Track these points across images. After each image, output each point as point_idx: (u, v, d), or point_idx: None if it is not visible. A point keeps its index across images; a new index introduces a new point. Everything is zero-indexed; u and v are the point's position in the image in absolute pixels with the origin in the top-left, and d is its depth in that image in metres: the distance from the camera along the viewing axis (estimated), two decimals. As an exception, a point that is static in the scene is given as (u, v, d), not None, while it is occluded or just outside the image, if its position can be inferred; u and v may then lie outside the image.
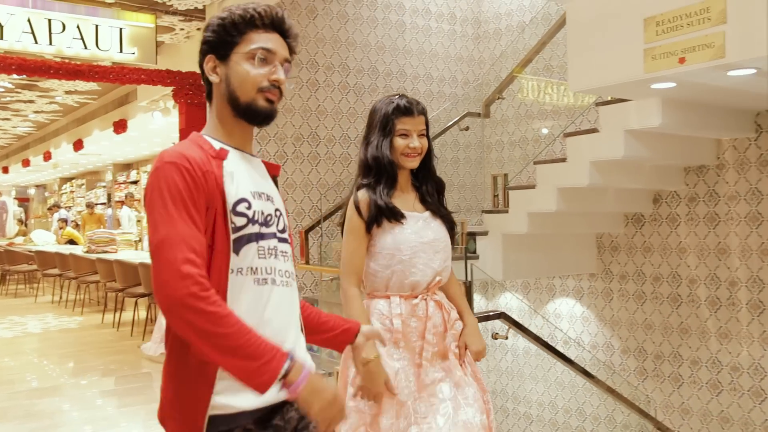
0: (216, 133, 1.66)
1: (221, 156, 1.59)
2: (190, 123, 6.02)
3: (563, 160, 4.56)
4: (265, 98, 1.61)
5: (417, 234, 2.46)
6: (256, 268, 1.56)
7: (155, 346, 6.64)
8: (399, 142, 2.45)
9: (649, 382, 5.40)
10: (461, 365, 2.52)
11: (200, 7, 5.87)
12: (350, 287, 2.47)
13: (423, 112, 2.49)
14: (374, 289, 2.52)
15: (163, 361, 1.58)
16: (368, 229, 2.46)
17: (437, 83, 6.61)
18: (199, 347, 1.41)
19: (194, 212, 1.49)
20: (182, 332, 1.42)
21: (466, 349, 2.56)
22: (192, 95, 5.96)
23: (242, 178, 1.60)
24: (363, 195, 2.46)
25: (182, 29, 6.52)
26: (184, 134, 6.04)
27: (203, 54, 1.66)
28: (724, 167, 4.87)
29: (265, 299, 1.57)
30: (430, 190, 2.57)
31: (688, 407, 5.15)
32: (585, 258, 5.69)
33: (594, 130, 4.36)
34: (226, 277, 1.52)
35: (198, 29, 6.47)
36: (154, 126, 9.82)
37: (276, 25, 1.66)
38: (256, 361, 1.40)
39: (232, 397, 1.50)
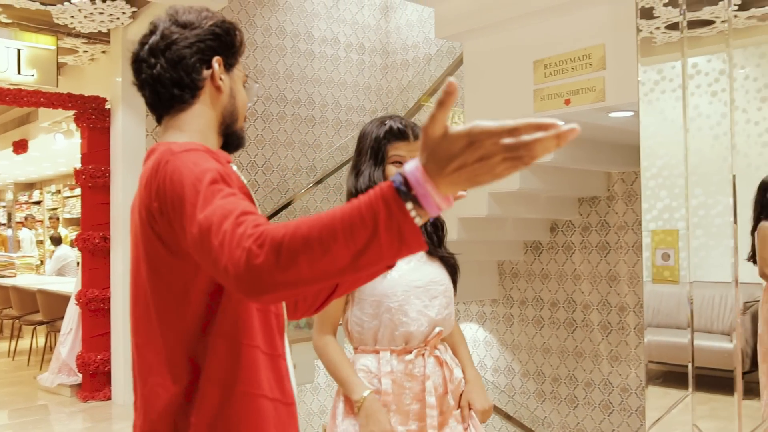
0: (201, 143, 1.39)
1: (228, 159, 1.38)
2: (93, 148, 5.88)
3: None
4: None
5: (408, 276, 2.09)
6: None
7: (52, 376, 6.39)
8: (392, 170, 2.08)
9: (547, 404, 5.61)
10: (465, 430, 2.16)
11: (104, 30, 5.77)
12: (321, 337, 2.14)
13: (420, 136, 2.16)
14: (361, 342, 2.14)
15: (60, 393, 1.44)
16: None
17: (345, 111, 6.71)
18: (319, 277, 0.99)
19: (235, 190, 1.17)
20: (293, 290, 1.02)
21: (470, 409, 2.19)
22: (95, 120, 5.82)
23: None
24: None
25: (86, 51, 6.38)
26: (86, 159, 5.90)
27: (209, 50, 1.42)
28: (614, 198, 5.15)
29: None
30: (428, 228, 2.19)
31: (582, 427, 5.37)
32: (487, 284, 5.88)
33: (492, 163, 4.54)
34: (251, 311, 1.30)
35: (103, 52, 6.35)
36: (57, 147, 9.51)
37: None
38: (365, 218, 0.96)
39: None
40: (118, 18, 5.49)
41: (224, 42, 1.45)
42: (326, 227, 0.97)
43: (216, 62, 1.43)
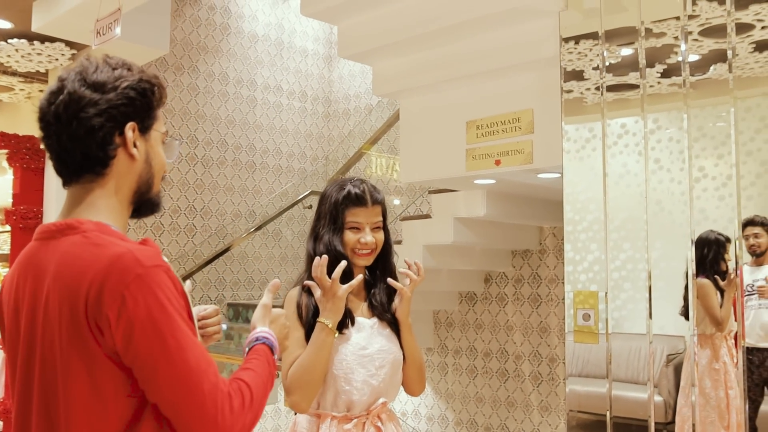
0: (118, 221, 1.34)
1: (159, 251, 1.33)
2: (25, 188, 5.77)
3: (399, 242, 4.79)
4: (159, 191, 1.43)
5: (358, 345, 2.08)
6: None
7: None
8: (349, 236, 2.08)
9: (480, 454, 5.65)
10: None
11: (42, 70, 5.72)
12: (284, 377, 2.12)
13: (379, 202, 2.13)
14: None
15: None
16: (309, 336, 2.06)
17: (286, 158, 6.76)
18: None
19: (188, 325, 1.26)
20: None
21: None
22: (29, 160, 5.73)
23: None
24: (306, 298, 2.09)
25: (22, 89, 6.30)
26: (18, 200, 5.78)
27: (122, 117, 1.31)
28: (546, 252, 5.30)
29: None
30: (381, 294, 2.17)
31: (514, 478, 5.42)
32: (422, 333, 5.93)
33: (427, 216, 4.64)
34: None
35: (40, 91, 6.27)
36: (-11, 183, 9.26)
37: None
38: (268, 371, 1.42)
39: None
40: (57, 59, 5.45)
41: (140, 105, 1.33)
42: (262, 383, 1.37)
43: (130, 129, 1.32)
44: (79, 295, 1.21)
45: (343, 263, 1.92)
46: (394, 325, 2.17)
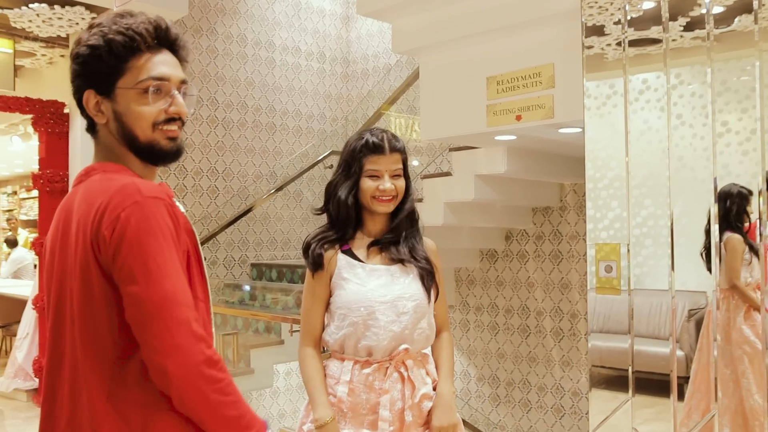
0: (135, 168, 1.44)
1: (169, 193, 1.39)
2: (51, 152, 5.86)
3: (420, 200, 4.82)
4: (165, 137, 1.41)
5: (376, 291, 2.09)
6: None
7: (8, 381, 6.31)
8: (368, 183, 2.11)
9: (502, 408, 5.74)
10: None
11: (63, 35, 5.74)
12: (302, 348, 2.18)
13: (398, 149, 2.14)
14: (333, 349, 2.17)
15: (16, 398, 1.48)
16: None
17: (306, 119, 6.78)
18: (202, 417, 1.28)
19: (181, 260, 1.33)
20: (190, 403, 1.27)
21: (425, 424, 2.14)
22: (53, 124, 5.80)
23: None
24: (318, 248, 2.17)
25: (44, 55, 6.33)
26: (44, 164, 5.87)
27: (78, 89, 1.40)
28: (566, 209, 5.31)
29: None
30: (395, 239, 2.17)
31: (535, 430, 5.51)
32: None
33: (448, 174, 4.66)
34: (211, 330, 1.42)
35: (62, 56, 6.31)
36: (14, 149, 9.37)
37: (163, 41, 1.43)
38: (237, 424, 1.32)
39: None
40: (77, 23, 5.47)
41: (91, 71, 1.38)
42: (241, 416, 1.31)
43: (85, 101, 1.41)
44: (89, 220, 1.31)
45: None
46: (423, 270, 2.16)
